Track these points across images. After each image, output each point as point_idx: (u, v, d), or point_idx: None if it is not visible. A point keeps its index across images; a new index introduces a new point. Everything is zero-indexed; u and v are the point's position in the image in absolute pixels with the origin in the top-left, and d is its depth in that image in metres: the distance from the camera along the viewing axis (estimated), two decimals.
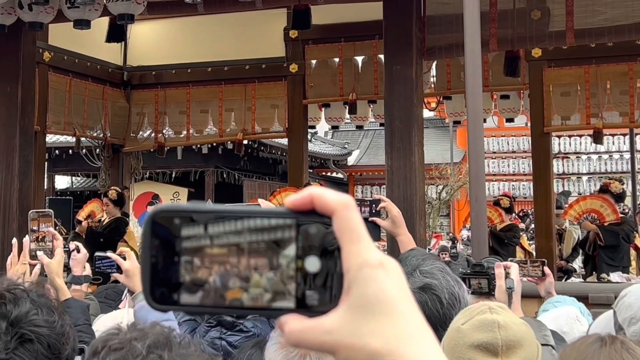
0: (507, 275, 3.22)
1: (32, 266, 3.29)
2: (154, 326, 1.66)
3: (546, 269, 4.28)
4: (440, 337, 2.29)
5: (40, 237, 3.38)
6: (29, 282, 1.90)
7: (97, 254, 3.30)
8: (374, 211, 3.97)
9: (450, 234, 26.23)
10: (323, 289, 0.72)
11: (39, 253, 3.28)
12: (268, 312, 0.74)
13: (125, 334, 1.63)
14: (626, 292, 2.96)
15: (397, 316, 0.70)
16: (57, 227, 3.86)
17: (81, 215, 10.53)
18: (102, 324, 3.56)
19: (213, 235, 0.73)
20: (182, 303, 0.73)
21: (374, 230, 4.02)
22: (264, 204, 3.89)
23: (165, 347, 1.59)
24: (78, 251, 3.47)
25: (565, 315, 3.49)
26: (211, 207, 0.75)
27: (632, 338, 2.76)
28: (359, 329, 0.70)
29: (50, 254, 3.39)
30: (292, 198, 0.73)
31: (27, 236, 3.37)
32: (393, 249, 6.83)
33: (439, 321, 2.43)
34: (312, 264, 0.72)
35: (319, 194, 0.72)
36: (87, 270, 3.73)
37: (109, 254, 3.24)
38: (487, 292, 3.25)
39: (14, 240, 3.28)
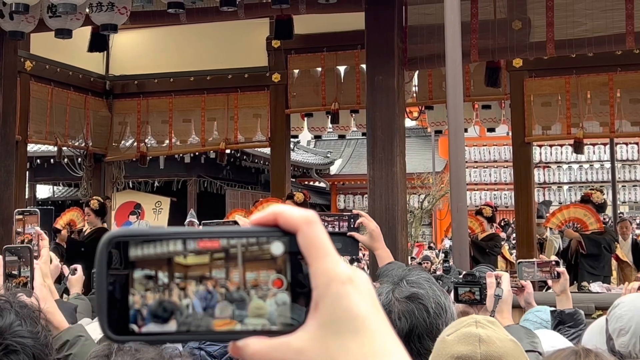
0: (498, 284, 3.24)
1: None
2: (147, 349, 1.63)
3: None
4: (426, 346, 2.30)
5: (25, 240, 3.25)
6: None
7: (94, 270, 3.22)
8: (352, 226, 3.99)
9: (433, 245, 26.24)
10: (289, 307, 0.69)
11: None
12: (227, 336, 0.69)
13: None
14: (618, 302, 2.95)
15: (366, 334, 0.69)
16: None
17: (59, 223, 10.07)
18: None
19: (181, 258, 0.69)
20: (146, 332, 0.68)
21: (353, 245, 4.05)
22: (242, 221, 3.90)
23: None
24: (73, 273, 3.42)
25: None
26: (175, 230, 0.69)
27: (620, 349, 2.77)
28: (329, 348, 0.68)
29: (37, 254, 3.30)
30: (256, 216, 0.71)
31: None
32: (374, 262, 6.86)
33: (425, 330, 2.43)
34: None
35: (282, 211, 0.71)
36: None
37: None
38: (478, 301, 3.27)
39: None
